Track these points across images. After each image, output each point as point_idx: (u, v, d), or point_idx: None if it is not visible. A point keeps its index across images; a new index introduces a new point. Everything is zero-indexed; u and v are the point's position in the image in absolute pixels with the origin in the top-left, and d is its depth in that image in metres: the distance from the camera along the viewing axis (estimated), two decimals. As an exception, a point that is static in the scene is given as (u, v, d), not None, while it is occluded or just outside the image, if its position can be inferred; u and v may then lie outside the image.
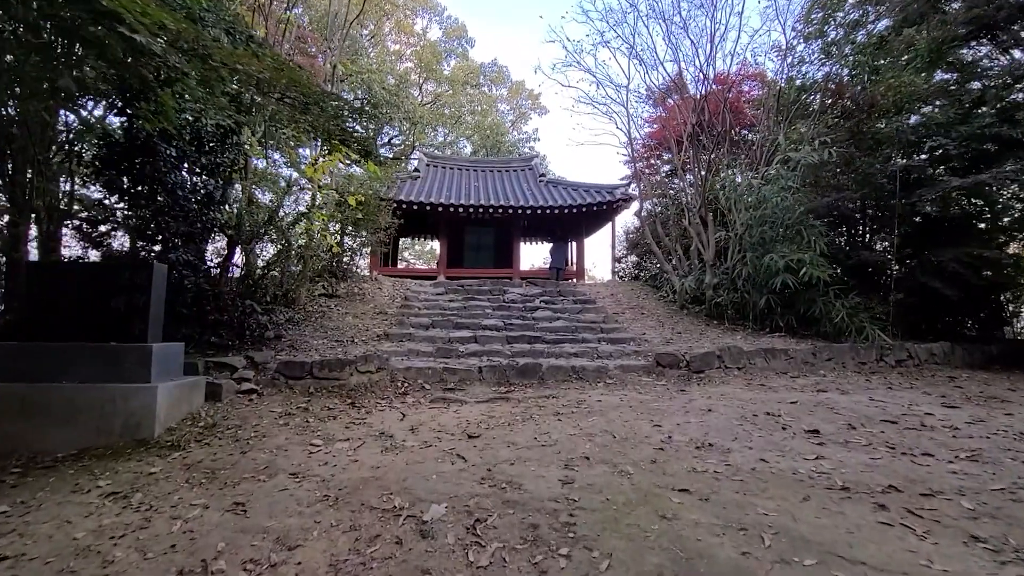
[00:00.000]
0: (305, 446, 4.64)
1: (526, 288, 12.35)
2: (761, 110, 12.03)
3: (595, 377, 7.21)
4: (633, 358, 7.93)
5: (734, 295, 9.63)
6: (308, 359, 6.54)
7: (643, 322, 10.15)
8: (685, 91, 11.81)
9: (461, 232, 19.89)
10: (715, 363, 7.35)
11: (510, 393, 6.66)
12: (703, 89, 10.93)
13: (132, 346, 4.99)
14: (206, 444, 4.74)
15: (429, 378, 6.97)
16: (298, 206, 7.81)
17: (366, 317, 9.44)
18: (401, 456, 4.34)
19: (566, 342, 8.66)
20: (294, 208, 7.61)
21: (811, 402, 5.86)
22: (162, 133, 6.82)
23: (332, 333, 8.26)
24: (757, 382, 7.05)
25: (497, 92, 31.57)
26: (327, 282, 10.34)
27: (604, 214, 18.54)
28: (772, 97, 11.35)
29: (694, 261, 11.47)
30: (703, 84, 11.65)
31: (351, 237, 11.37)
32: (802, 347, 8.06)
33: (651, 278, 13.19)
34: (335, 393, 6.28)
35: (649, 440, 4.48)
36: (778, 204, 8.75)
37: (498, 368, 7.20)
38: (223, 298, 7.17)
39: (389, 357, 7.32)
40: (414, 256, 39.22)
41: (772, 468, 3.81)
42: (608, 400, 6.16)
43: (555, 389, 6.85)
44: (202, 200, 7.18)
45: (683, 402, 5.98)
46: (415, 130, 24.97)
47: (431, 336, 8.57)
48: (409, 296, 11.17)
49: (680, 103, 12.01)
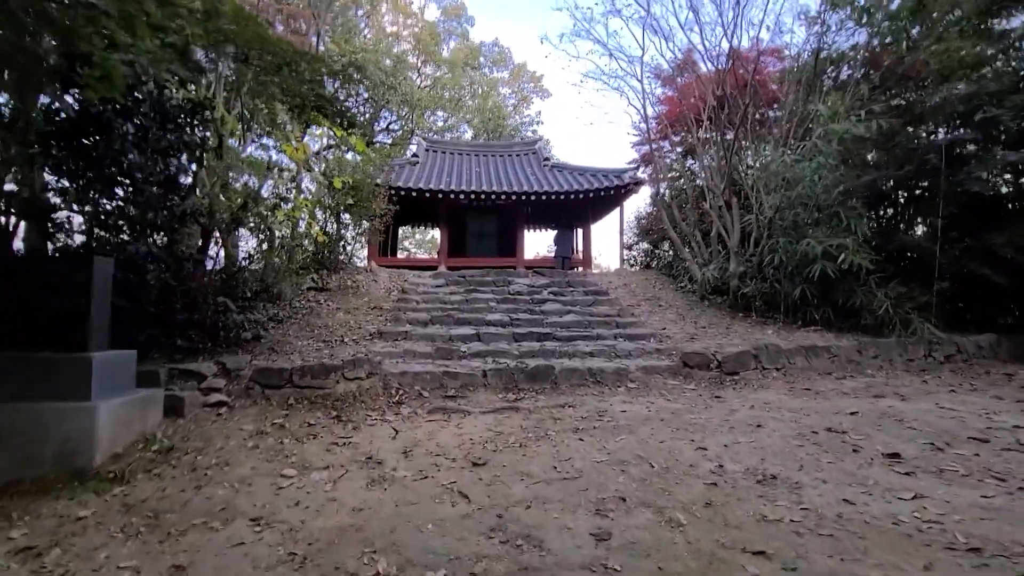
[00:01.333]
0: (274, 478, 3.82)
1: (532, 278, 11.49)
2: (785, 84, 11.05)
3: (615, 381, 6.37)
4: (655, 357, 7.08)
5: (763, 285, 8.74)
6: (288, 365, 5.71)
7: (662, 315, 9.29)
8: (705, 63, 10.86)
9: (462, 220, 18.99)
10: (751, 363, 6.49)
11: (519, 401, 5.83)
12: (725, 61, 9.96)
13: (68, 356, 4.15)
14: (156, 475, 3.92)
15: (427, 384, 6.13)
16: (282, 191, 6.91)
17: (359, 313, 8.59)
18: (391, 493, 3.51)
19: (579, 339, 7.81)
20: (274, 193, 6.73)
21: (873, 413, 5.01)
22: (120, 107, 5.98)
23: (320, 332, 7.42)
24: (801, 385, 6.20)
25: (498, 74, 30.46)
26: (317, 275, 9.49)
27: (612, 199, 17.62)
28: (800, 69, 10.38)
29: (714, 248, 10.58)
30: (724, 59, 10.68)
31: (343, 225, 10.50)
32: (845, 343, 7.20)
33: (666, 266, 12.29)
34: (318, 405, 5.45)
35: (696, 470, 3.63)
36: (816, 183, 7.83)
37: (505, 371, 6.36)
38: (193, 295, 6.33)
39: (382, 360, 6.48)
40: (415, 245, 38.34)
41: (864, 514, 2.96)
42: (634, 410, 5.32)
43: (570, 396, 6.02)
44: (166, 184, 6.30)
45: (722, 413, 5.13)
46: (414, 114, 23.96)
47: (430, 334, 7.72)
48: (407, 289, 10.32)
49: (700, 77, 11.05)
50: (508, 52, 30.60)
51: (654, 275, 12.61)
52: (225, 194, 6.77)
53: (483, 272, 11.73)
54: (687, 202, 11.82)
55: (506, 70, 30.55)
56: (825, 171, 7.93)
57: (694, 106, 11.43)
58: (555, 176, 18.17)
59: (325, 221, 9.84)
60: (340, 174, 8.00)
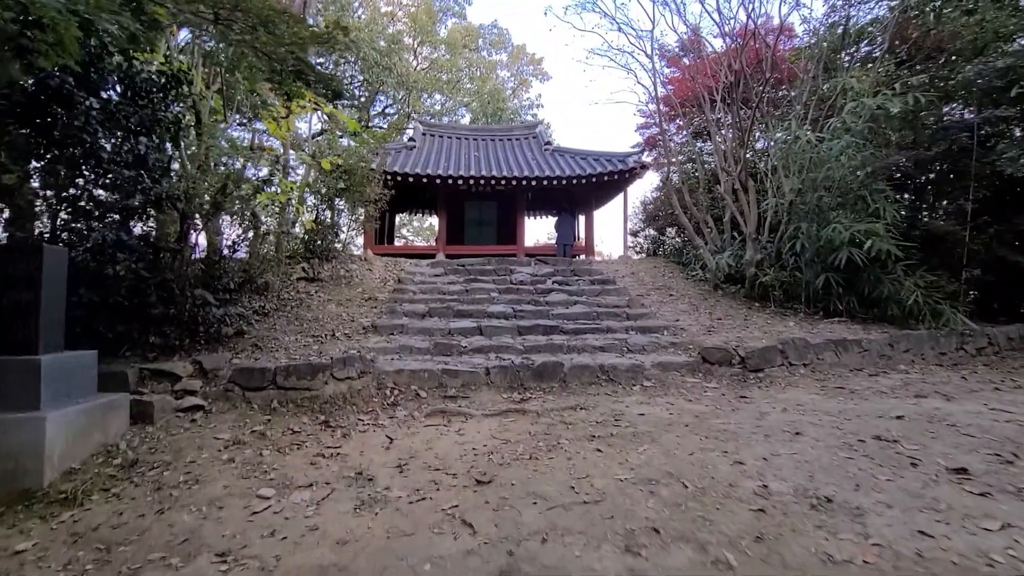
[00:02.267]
0: (249, 499, 3.32)
1: (535, 267, 10.96)
2: (803, 61, 10.43)
3: (629, 378, 5.87)
4: (671, 352, 6.58)
5: (782, 273, 8.22)
6: (271, 364, 5.18)
7: (673, 306, 8.77)
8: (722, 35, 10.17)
9: (461, 206, 18.41)
10: (777, 359, 5.98)
11: (526, 402, 5.33)
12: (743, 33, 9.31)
13: (12, 360, 3.63)
14: (114, 496, 3.41)
15: (425, 383, 5.63)
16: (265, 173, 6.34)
17: (352, 305, 8.06)
18: (382, 519, 3.01)
19: (588, 332, 7.29)
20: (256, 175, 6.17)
21: (920, 416, 4.51)
22: (83, 80, 5.41)
23: (309, 326, 6.90)
24: (833, 384, 5.70)
25: (497, 57, 29.60)
26: (307, 264, 8.94)
27: (616, 184, 17.00)
28: (819, 45, 9.76)
29: (727, 234, 10.04)
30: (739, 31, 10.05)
31: (337, 211, 9.93)
32: (875, 337, 6.69)
33: (675, 254, 11.75)
34: (304, 408, 4.94)
35: (737, 491, 3.13)
36: (843, 164, 7.27)
37: (509, 369, 5.85)
38: (169, 287, 5.79)
39: (375, 357, 5.97)
40: (413, 233, 37.70)
41: (948, 551, 2.47)
42: (653, 413, 4.82)
43: (582, 396, 5.52)
44: (137, 165, 5.73)
45: (752, 416, 4.63)
46: (410, 97, 23.21)
47: (427, 327, 7.20)
48: (403, 278, 9.78)
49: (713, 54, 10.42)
50: (507, 34, 29.74)
51: (662, 263, 12.08)
52: (206, 177, 6.20)
53: (483, 260, 11.19)
54: (698, 186, 11.23)
55: (505, 52, 29.70)
56: (852, 150, 7.36)
57: (705, 85, 10.81)
58: (556, 160, 17.55)
59: (316, 207, 9.27)
60: (331, 156, 7.41)
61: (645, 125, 19.55)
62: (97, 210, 5.73)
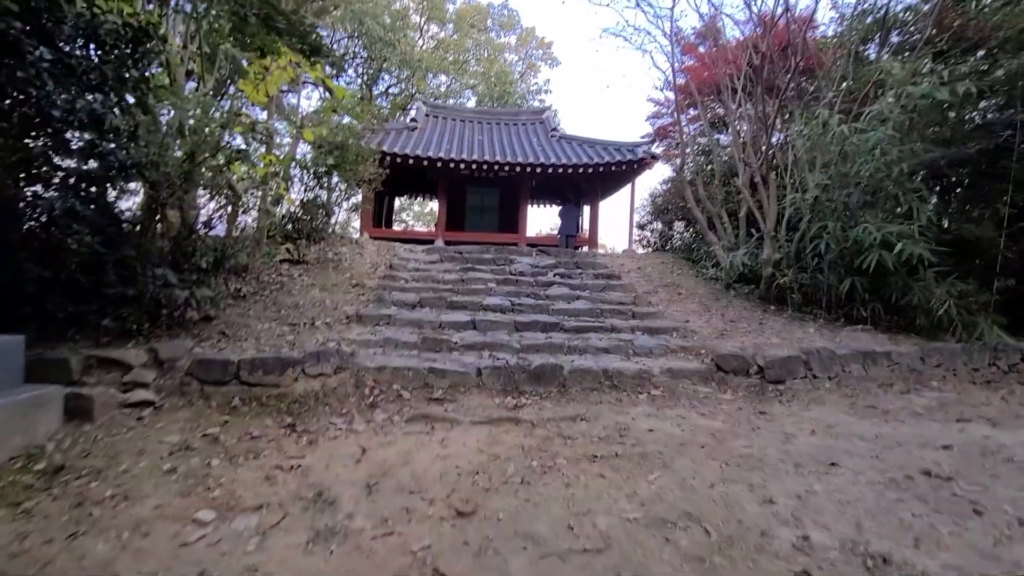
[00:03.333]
0: (183, 523, 2.76)
1: (536, 258, 10.37)
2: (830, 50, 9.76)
3: (635, 385, 5.30)
4: (681, 357, 6.02)
5: (802, 275, 7.62)
6: (235, 356, 4.61)
7: (683, 305, 8.19)
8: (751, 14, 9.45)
9: (462, 191, 17.80)
10: (800, 370, 5.41)
11: (520, 409, 4.77)
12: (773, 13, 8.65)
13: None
14: (24, 513, 2.86)
15: (409, 382, 5.07)
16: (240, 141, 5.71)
17: (337, 291, 7.48)
18: (337, 559, 2.47)
19: (590, 331, 6.72)
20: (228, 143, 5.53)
21: (970, 447, 3.95)
22: (33, 27, 4.81)
23: (287, 313, 6.32)
24: (863, 401, 5.13)
25: (505, 39, 28.70)
26: (292, 244, 8.35)
27: (624, 175, 16.39)
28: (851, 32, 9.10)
29: (742, 231, 9.43)
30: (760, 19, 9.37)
31: (328, 190, 9.32)
32: (904, 349, 6.11)
33: (685, 249, 11.13)
34: (269, 408, 4.38)
35: (772, 542, 2.57)
36: (876, 159, 6.65)
37: (504, 370, 5.29)
38: (130, 265, 5.22)
39: (356, 351, 5.40)
40: (414, 217, 37.04)
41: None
42: (663, 429, 4.26)
43: (583, 404, 4.96)
44: (95, 127, 5.12)
45: (777, 439, 4.07)
46: (414, 77, 22.44)
47: (417, 319, 6.62)
48: (395, 264, 9.19)
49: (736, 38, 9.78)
50: (516, 15, 28.84)
51: (670, 259, 11.48)
52: (176, 143, 5.58)
53: (482, 249, 10.58)
54: (713, 179, 10.59)
55: (513, 34, 28.83)
56: (889, 144, 6.73)
57: (725, 72, 10.15)
58: (563, 148, 16.90)
59: (304, 184, 8.67)
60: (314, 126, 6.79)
61: (656, 115, 18.89)
62: (51, 175, 5.15)
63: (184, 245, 5.71)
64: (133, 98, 5.45)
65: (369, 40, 18.38)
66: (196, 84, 6.90)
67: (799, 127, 7.68)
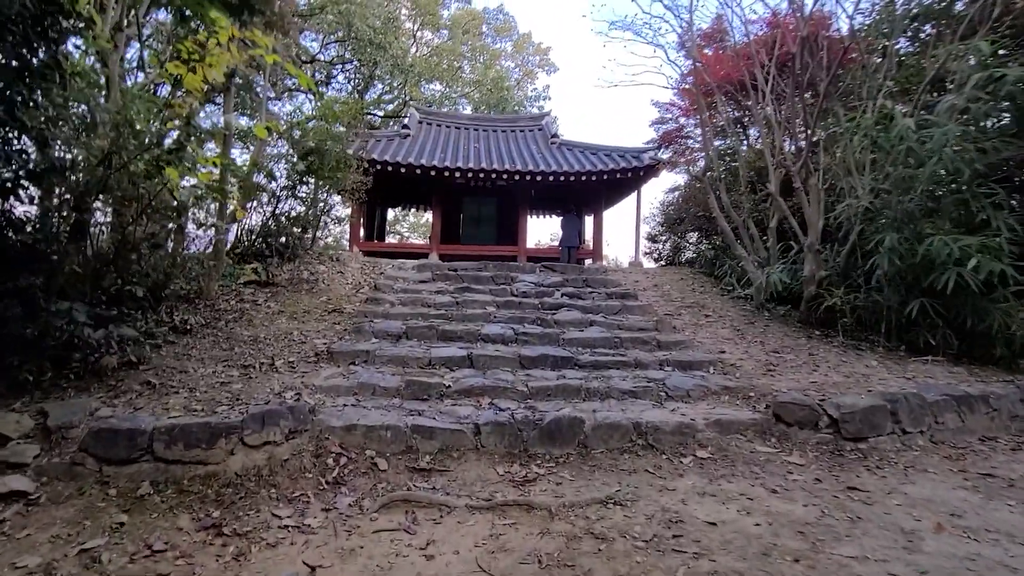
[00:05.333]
0: None
1: (540, 274, 9.25)
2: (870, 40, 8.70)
3: (676, 445, 4.17)
4: (727, 402, 4.89)
5: (855, 295, 6.51)
6: (148, 422, 3.44)
7: (712, 330, 7.06)
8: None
9: (458, 202, 16.72)
10: (885, 424, 4.27)
11: (532, 485, 3.63)
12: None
13: None
14: None
15: (387, 446, 3.92)
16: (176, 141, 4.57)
17: (309, 319, 6.34)
18: None
19: (611, 367, 5.59)
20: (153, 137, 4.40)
21: None
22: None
23: (242, 350, 5.17)
24: (974, 467, 3.99)
25: (502, 46, 27.79)
26: (261, 264, 7.21)
27: (629, 183, 15.36)
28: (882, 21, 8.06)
29: (771, 242, 8.32)
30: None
31: (302, 200, 8.20)
32: (1000, 389, 4.99)
33: (705, 264, 10.01)
34: (191, 496, 3.21)
35: None
36: (950, 158, 5.55)
37: (509, 427, 4.14)
38: (29, 296, 4.09)
39: (321, 403, 4.26)
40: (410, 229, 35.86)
41: None
42: (730, 521, 3.11)
43: (612, 473, 3.81)
44: (-18, 121, 4.02)
45: (893, 541, 2.92)
46: (407, 82, 21.42)
47: (401, 355, 5.47)
48: (381, 285, 8.04)
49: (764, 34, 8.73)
50: (513, 20, 27.94)
51: (689, 274, 10.36)
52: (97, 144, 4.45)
53: (479, 265, 9.45)
54: (737, 185, 9.50)
55: (510, 41, 27.90)
56: (962, 139, 5.65)
57: (748, 68, 9.11)
58: (564, 155, 15.88)
59: (273, 195, 7.55)
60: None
61: (660, 120, 17.92)
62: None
63: (104, 270, 4.57)
64: (37, 88, 4.34)
65: (358, 44, 17.34)
66: (143, 76, 5.81)
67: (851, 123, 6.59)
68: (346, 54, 19.59)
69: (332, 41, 18.89)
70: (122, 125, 4.14)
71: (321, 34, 18.41)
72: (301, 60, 16.42)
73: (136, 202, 4.48)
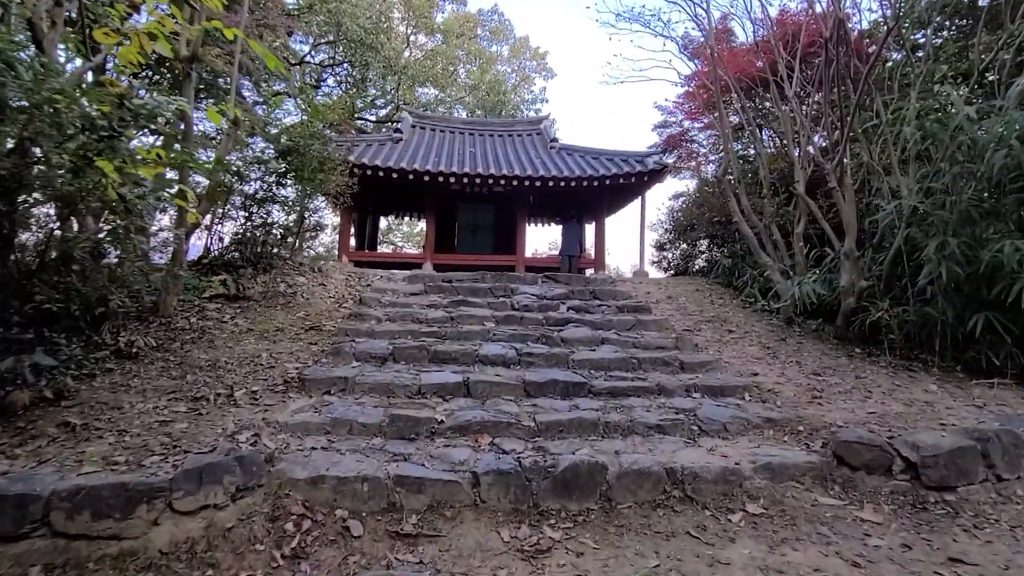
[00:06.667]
0: None
1: (542, 285, 8.48)
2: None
3: (721, 498, 3.38)
4: (773, 439, 4.11)
5: (902, 309, 5.76)
6: (43, 486, 2.63)
7: (739, 348, 6.29)
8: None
9: (453, 209, 16.02)
10: (977, 470, 3.50)
11: (544, 557, 2.84)
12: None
13: None
14: None
15: (363, 503, 3.13)
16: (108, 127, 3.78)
17: (282, 339, 5.54)
18: None
19: (630, 394, 4.81)
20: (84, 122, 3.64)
21: None
22: None
23: (196, 377, 4.37)
24: (1096, 527, 3.23)
25: (497, 50, 27.16)
26: (230, 276, 6.42)
27: (632, 188, 14.73)
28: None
29: (796, 248, 7.57)
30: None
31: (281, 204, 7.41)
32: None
33: (722, 273, 9.26)
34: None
35: None
36: (1018, 150, 4.84)
37: (514, 476, 3.34)
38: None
39: (282, 449, 3.45)
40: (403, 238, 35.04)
41: None
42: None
43: (645, 539, 3.02)
44: None
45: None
46: (400, 85, 20.70)
47: (386, 382, 4.67)
48: (367, 299, 7.25)
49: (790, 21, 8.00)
50: (509, 23, 27.35)
51: (704, 284, 9.59)
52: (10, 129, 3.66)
53: (476, 276, 8.67)
54: (758, 187, 8.75)
55: (506, 44, 27.29)
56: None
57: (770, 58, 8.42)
58: (564, 159, 15.21)
59: (247, 196, 6.77)
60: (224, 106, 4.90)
61: (663, 123, 17.22)
62: None
63: (13, 281, 3.77)
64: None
65: (349, 45, 16.64)
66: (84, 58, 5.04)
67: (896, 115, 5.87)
68: (336, 56, 18.86)
69: (323, 43, 18.16)
70: (40, 107, 3.36)
71: (311, 36, 17.70)
72: (290, 62, 15.71)
73: (60, 201, 3.71)
